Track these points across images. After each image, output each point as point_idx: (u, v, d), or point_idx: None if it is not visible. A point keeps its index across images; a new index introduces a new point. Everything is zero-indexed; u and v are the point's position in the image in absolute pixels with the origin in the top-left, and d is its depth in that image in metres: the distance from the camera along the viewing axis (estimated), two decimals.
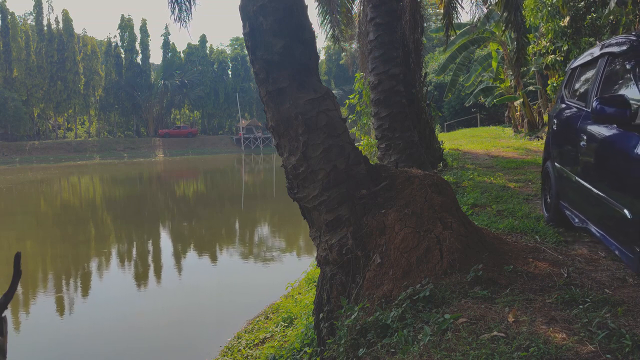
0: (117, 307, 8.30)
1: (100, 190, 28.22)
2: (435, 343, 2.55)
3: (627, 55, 3.72)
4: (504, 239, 4.29)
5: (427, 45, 39.04)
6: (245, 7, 4.11)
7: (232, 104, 67.86)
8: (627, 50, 3.76)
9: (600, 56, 4.27)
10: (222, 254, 11.87)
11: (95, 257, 12.01)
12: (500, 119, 32.21)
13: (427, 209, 3.74)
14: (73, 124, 65.07)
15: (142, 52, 65.98)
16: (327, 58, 69.45)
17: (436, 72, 27.59)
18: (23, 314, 8.25)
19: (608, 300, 2.96)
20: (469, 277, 3.24)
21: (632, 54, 3.66)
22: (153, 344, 6.88)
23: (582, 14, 13.65)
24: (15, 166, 45.54)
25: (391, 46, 8.68)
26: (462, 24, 23.07)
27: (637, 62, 3.47)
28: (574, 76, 5.06)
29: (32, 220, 17.53)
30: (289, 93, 4.04)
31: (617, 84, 3.84)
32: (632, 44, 3.76)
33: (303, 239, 12.42)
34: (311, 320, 4.90)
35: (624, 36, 4.15)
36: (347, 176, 4.00)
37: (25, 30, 59.91)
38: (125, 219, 17.63)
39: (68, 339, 7.20)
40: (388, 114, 8.78)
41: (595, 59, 4.39)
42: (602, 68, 4.12)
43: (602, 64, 4.15)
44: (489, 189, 7.49)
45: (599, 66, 4.21)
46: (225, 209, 19.53)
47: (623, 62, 3.79)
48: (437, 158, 10.96)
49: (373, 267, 3.61)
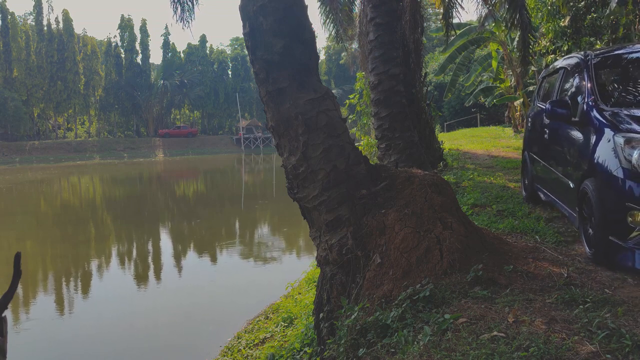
0: (117, 307, 8.30)
1: (100, 190, 28.22)
2: (435, 343, 2.55)
3: (575, 69, 4.92)
4: (504, 239, 4.29)
5: (427, 45, 39.01)
6: (245, 7, 4.11)
7: (232, 104, 67.86)
8: (575, 66, 4.94)
9: (560, 69, 5.50)
10: (222, 254, 11.86)
11: (95, 257, 12.01)
12: (500, 119, 32.20)
13: (427, 209, 3.74)
14: (73, 124, 65.07)
15: (142, 52, 65.98)
16: (327, 58, 69.43)
17: (436, 72, 27.59)
18: (23, 314, 8.25)
19: (608, 300, 2.96)
20: (469, 277, 3.24)
21: (577, 68, 4.84)
22: (153, 344, 6.88)
23: (582, 14, 13.64)
24: (15, 166, 45.54)
25: (391, 46, 8.68)
26: (462, 24, 23.05)
27: (580, 75, 4.70)
28: (543, 83, 6.32)
29: (32, 220, 17.53)
30: (289, 93, 4.03)
31: (568, 90, 5.03)
32: (578, 61, 4.89)
33: (303, 239, 12.42)
34: (311, 320, 4.90)
35: (575, 54, 5.29)
36: (347, 176, 4.00)
37: (25, 30, 59.91)
38: (125, 219, 17.63)
39: (68, 339, 7.20)
40: (388, 114, 8.78)
41: (557, 70, 5.64)
42: (560, 78, 5.37)
43: (560, 75, 5.39)
44: (489, 189, 7.49)
45: (558, 76, 5.46)
46: (225, 209, 19.53)
47: (573, 74, 4.97)
48: (437, 158, 10.96)
49: (373, 267, 3.61)
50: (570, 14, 13.72)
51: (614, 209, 3.58)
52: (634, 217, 3.44)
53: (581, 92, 4.54)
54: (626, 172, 3.52)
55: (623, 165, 3.55)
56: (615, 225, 3.58)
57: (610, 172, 3.65)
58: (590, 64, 4.65)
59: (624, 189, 3.51)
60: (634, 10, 12.01)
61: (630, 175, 3.50)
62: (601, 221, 3.69)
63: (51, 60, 58.69)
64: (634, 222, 3.46)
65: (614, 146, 3.68)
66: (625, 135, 3.65)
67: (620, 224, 3.53)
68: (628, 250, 3.50)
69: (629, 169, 3.51)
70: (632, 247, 3.48)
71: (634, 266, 3.48)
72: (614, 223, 3.59)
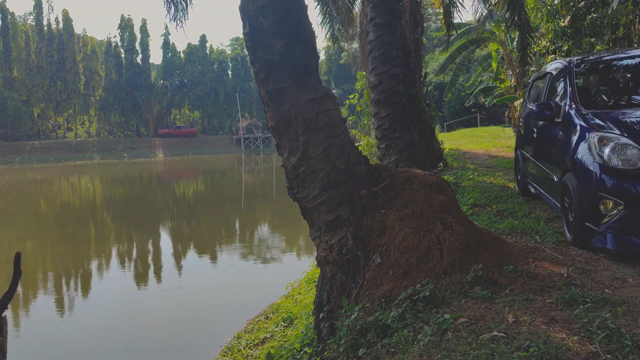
0: (117, 306, 8.30)
1: (100, 190, 28.22)
2: (435, 343, 2.55)
3: (559, 74, 5.43)
4: (504, 239, 4.29)
5: (427, 45, 39.03)
6: (246, 7, 4.11)
7: (232, 104, 67.86)
8: (560, 71, 5.44)
9: (547, 73, 6.01)
10: (222, 254, 11.86)
11: (95, 257, 12.01)
12: (500, 119, 32.18)
13: (427, 209, 3.74)
14: (73, 124, 65.08)
15: (142, 52, 65.99)
16: (327, 58, 69.44)
17: (436, 72, 27.57)
18: (23, 314, 8.25)
19: (608, 300, 2.96)
20: (469, 277, 3.24)
21: (561, 74, 5.35)
22: (153, 344, 6.88)
23: (582, 14, 13.63)
24: (15, 166, 45.54)
25: (391, 46, 8.68)
26: (462, 23, 23.05)
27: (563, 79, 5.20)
28: (533, 86, 6.86)
29: (32, 220, 17.53)
30: (289, 93, 4.03)
31: (554, 93, 5.50)
32: (562, 67, 5.40)
33: (303, 239, 12.42)
34: (311, 320, 4.90)
35: (560, 60, 5.78)
36: (347, 176, 3.99)
37: (25, 30, 59.93)
38: (125, 219, 17.64)
39: (68, 339, 7.20)
40: (388, 114, 8.77)
41: (545, 74, 6.13)
42: (547, 82, 5.87)
43: (547, 79, 5.90)
44: (489, 189, 7.49)
45: (546, 80, 5.97)
46: (225, 209, 19.53)
47: (558, 79, 5.45)
48: (437, 158, 10.95)
49: (373, 267, 3.61)
50: (570, 14, 13.72)
51: (589, 198, 4.05)
52: (606, 205, 3.93)
53: (564, 95, 5.06)
54: (599, 167, 3.98)
55: (597, 160, 4.01)
56: (590, 213, 4.05)
57: (587, 167, 4.11)
58: (572, 70, 5.15)
59: (597, 181, 3.98)
60: (634, 10, 12.01)
61: (602, 169, 3.96)
62: (579, 209, 4.18)
63: (51, 60, 58.70)
64: (605, 210, 3.94)
65: (589, 144, 4.14)
66: (598, 134, 4.11)
67: (594, 211, 4.00)
68: (601, 233, 3.98)
69: (601, 163, 3.97)
70: (604, 231, 3.95)
71: (606, 247, 3.94)
72: (589, 211, 4.06)
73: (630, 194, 3.82)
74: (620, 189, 3.86)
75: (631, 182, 3.84)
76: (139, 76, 64.23)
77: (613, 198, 3.88)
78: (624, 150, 3.91)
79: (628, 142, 3.92)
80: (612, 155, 3.92)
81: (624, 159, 3.88)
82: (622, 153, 3.91)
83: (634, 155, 3.86)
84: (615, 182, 3.90)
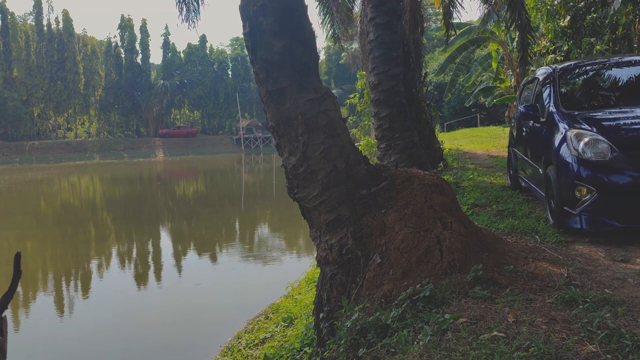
0: (117, 306, 8.30)
1: (100, 190, 28.22)
2: (435, 343, 2.55)
3: (545, 79, 6.06)
4: (504, 239, 4.29)
5: (427, 45, 39.03)
6: (246, 7, 4.11)
7: (232, 104, 67.85)
8: (545, 76, 6.08)
9: (535, 78, 6.67)
10: (222, 254, 11.86)
11: (95, 257, 12.01)
12: (500, 119, 32.19)
13: (427, 209, 3.74)
14: (73, 124, 65.08)
15: (142, 52, 66.00)
16: (327, 58, 69.44)
17: (436, 72, 27.59)
18: (23, 314, 8.25)
19: (608, 300, 2.96)
20: (469, 277, 3.24)
21: (547, 79, 5.98)
22: (153, 344, 6.88)
23: (582, 14, 13.63)
24: (15, 166, 45.54)
25: (391, 46, 8.67)
26: (462, 23, 23.06)
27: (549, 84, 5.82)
28: (524, 90, 7.53)
29: (32, 220, 17.53)
30: (289, 93, 4.03)
31: (540, 96, 6.03)
32: (548, 74, 6.04)
33: (303, 239, 12.42)
34: (311, 320, 4.90)
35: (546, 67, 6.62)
36: (347, 176, 3.99)
37: (25, 30, 59.94)
38: (125, 219, 17.64)
39: (68, 339, 7.20)
40: (388, 114, 8.77)
41: (532, 80, 6.83)
42: (535, 86, 6.48)
43: (535, 83, 6.52)
44: (489, 189, 7.49)
45: (534, 84, 6.59)
46: (225, 209, 19.53)
47: (543, 83, 6.06)
48: (437, 158, 10.95)
49: (373, 267, 3.61)
50: (570, 14, 13.72)
51: (567, 186, 4.64)
52: (580, 192, 4.52)
53: (548, 98, 5.69)
54: (575, 159, 4.57)
55: (573, 153, 4.60)
56: (567, 199, 4.63)
57: (565, 159, 4.70)
58: (556, 75, 5.82)
59: (573, 171, 4.57)
60: (634, 10, 12.00)
61: (578, 161, 4.55)
62: (558, 196, 4.77)
63: (51, 60, 58.70)
64: (580, 195, 4.52)
65: (567, 139, 4.73)
66: (575, 131, 4.71)
67: (571, 197, 4.58)
68: (576, 215, 4.56)
69: (577, 156, 4.56)
70: (579, 213, 4.53)
71: (582, 227, 4.51)
72: (566, 197, 4.64)
73: (601, 182, 4.42)
74: (593, 178, 4.46)
75: (602, 172, 4.44)
76: (139, 76, 64.23)
77: (586, 185, 4.48)
78: (595, 145, 4.47)
79: (599, 138, 4.49)
80: (586, 149, 4.49)
81: (596, 152, 4.46)
82: (594, 147, 4.47)
83: (604, 149, 4.43)
84: (588, 172, 4.48)
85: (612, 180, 4.40)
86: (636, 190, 4.33)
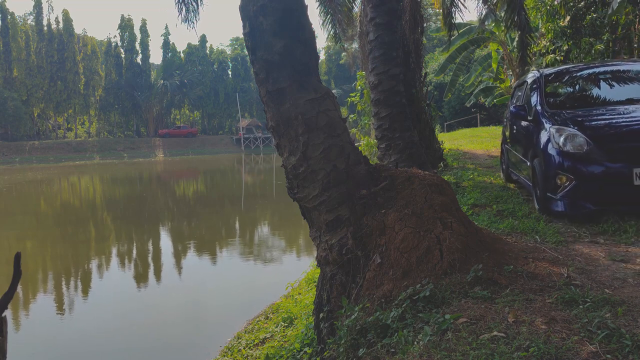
0: (117, 306, 8.30)
1: (100, 190, 28.22)
2: (435, 343, 2.55)
3: (533, 82, 6.72)
4: (504, 239, 4.29)
5: (427, 45, 39.03)
6: (245, 7, 4.11)
7: (232, 104, 67.86)
8: (533, 80, 6.73)
9: (524, 82, 7.33)
10: (222, 254, 11.86)
11: (95, 257, 12.01)
12: (500, 119, 32.13)
13: (427, 209, 3.74)
14: (73, 124, 65.09)
15: (142, 52, 66.01)
16: (327, 58, 69.47)
17: (436, 72, 27.58)
18: (23, 314, 8.25)
19: (608, 300, 2.96)
20: (469, 277, 3.24)
21: (534, 82, 6.64)
22: (153, 344, 6.88)
23: (581, 14, 13.63)
24: (15, 166, 45.54)
25: (391, 46, 8.67)
26: (462, 23, 23.06)
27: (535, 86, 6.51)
28: (515, 91, 8.16)
29: (32, 220, 17.53)
30: (289, 93, 4.03)
31: (529, 97, 6.62)
32: (535, 78, 6.71)
33: (303, 239, 12.42)
34: (311, 320, 4.90)
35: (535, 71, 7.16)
36: (347, 176, 3.99)
37: (25, 30, 59.95)
38: (125, 219, 17.63)
39: (68, 339, 7.20)
40: (388, 114, 8.77)
41: (522, 83, 7.51)
42: (524, 88, 7.15)
43: (525, 86, 7.17)
44: (489, 189, 7.49)
45: (524, 87, 7.24)
46: (225, 209, 19.53)
47: (532, 86, 6.70)
48: (437, 158, 10.95)
49: (373, 267, 3.61)
50: (570, 14, 13.72)
51: (549, 175, 5.30)
52: (561, 180, 5.17)
53: (534, 98, 6.34)
54: (556, 151, 5.24)
55: (554, 146, 5.26)
56: (550, 186, 5.29)
57: (548, 152, 5.37)
58: (542, 79, 6.52)
59: (555, 162, 5.24)
60: (633, 10, 12.00)
61: (559, 153, 5.21)
62: (542, 184, 5.44)
63: (51, 60, 58.71)
64: (560, 183, 5.17)
65: (550, 135, 5.39)
66: (556, 127, 5.41)
67: (553, 185, 5.25)
68: (558, 200, 5.22)
69: (558, 149, 5.22)
70: (560, 198, 5.20)
71: (563, 210, 5.16)
72: (549, 184, 5.31)
73: (578, 171, 5.06)
74: (572, 168, 5.10)
75: (579, 162, 5.07)
76: (139, 76, 64.24)
77: (566, 174, 5.12)
78: (574, 139, 5.12)
79: (577, 133, 5.17)
80: (566, 143, 5.14)
81: (574, 145, 5.09)
82: (572, 141, 5.11)
83: (581, 143, 5.07)
84: (568, 162, 5.12)
85: (588, 170, 5.02)
86: (607, 179, 4.96)
